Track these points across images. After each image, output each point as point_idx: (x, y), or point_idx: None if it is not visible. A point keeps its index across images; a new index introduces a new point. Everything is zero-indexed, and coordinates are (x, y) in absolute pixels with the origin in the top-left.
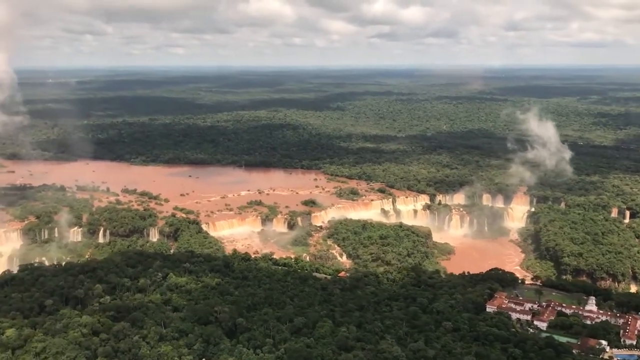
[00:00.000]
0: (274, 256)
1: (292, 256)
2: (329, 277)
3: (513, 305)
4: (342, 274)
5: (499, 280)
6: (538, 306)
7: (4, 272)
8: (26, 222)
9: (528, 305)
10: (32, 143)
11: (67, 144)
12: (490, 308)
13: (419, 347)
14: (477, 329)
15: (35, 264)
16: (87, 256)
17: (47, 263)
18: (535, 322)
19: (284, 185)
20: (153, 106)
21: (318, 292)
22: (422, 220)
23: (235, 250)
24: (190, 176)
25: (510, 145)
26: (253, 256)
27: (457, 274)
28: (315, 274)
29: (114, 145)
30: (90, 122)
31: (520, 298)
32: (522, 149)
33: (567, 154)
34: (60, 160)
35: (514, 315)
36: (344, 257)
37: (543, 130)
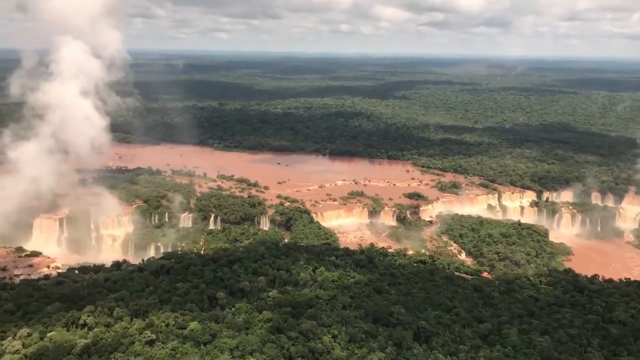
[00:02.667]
0: (390, 250)
1: (410, 251)
2: (470, 276)
3: None
4: (484, 274)
5: None
6: None
7: (148, 259)
8: (134, 206)
9: None
10: (112, 125)
11: (147, 127)
12: None
13: None
14: None
15: (179, 252)
16: (201, 243)
17: (162, 249)
18: None
19: (376, 176)
20: (215, 91)
21: (473, 293)
22: (529, 218)
23: (372, 245)
24: (279, 164)
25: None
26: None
27: (615, 280)
28: (456, 273)
29: (194, 130)
30: (161, 106)
31: None
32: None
33: None
34: (143, 143)
35: None
36: (463, 254)
37: None
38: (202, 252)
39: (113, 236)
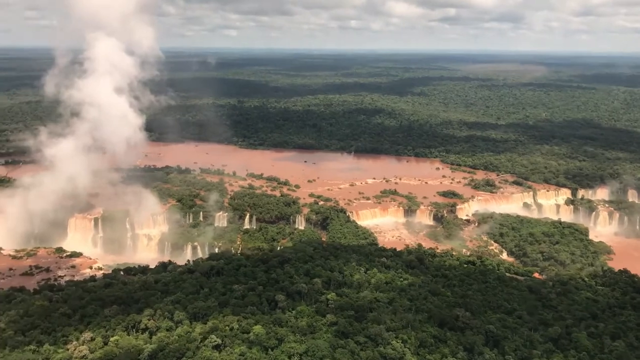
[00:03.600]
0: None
1: (452, 250)
2: (522, 277)
3: None
4: (535, 274)
5: None
6: None
7: (196, 260)
8: (169, 205)
9: None
10: None
11: (169, 125)
12: None
13: None
14: None
15: (222, 252)
16: (238, 242)
17: (199, 249)
18: None
19: (406, 174)
20: (231, 88)
21: (529, 294)
22: (565, 216)
23: (420, 245)
24: (305, 162)
25: None
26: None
27: None
28: (506, 273)
29: (217, 128)
30: (180, 103)
31: None
32: None
33: None
34: (167, 141)
35: None
36: (505, 254)
37: None
38: (239, 251)
39: (149, 236)
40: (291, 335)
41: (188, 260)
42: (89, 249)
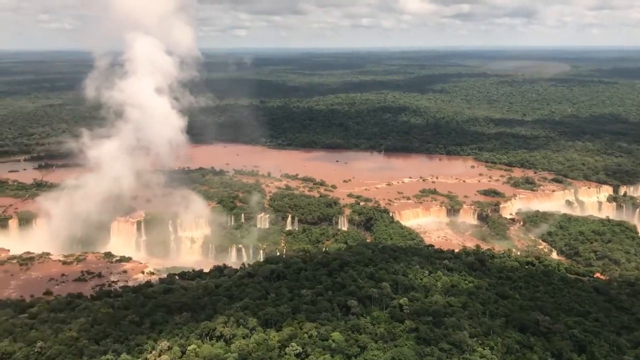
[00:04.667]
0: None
1: (509, 251)
2: (585, 278)
3: None
4: (597, 274)
5: None
6: None
7: (255, 264)
8: (210, 207)
9: None
10: None
11: (196, 126)
12: None
13: None
14: None
15: (275, 255)
16: (281, 244)
17: (244, 251)
18: None
19: (440, 173)
20: (251, 88)
21: (597, 296)
22: (607, 214)
23: (478, 247)
24: (337, 161)
25: None
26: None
27: None
28: (567, 274)
29: (244, 129)
30: (203, 105)
31: None
32: None
33: None
34: (196, 142)
35: None
36: (554, 253)
37: None
38: (283, 253)
39: (192, 238)
40: (372, 343)
41: (244, 264)
42: (132, 253)
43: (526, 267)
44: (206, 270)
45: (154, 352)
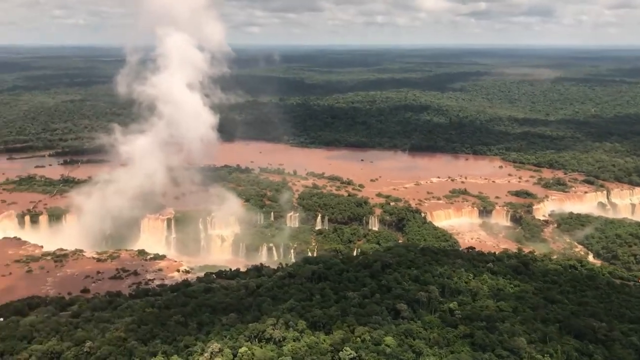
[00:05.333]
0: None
1: (535, 252)
2: (630, 283)
3: None
4: None
5: None
6: None
7: (295, 264)
8: (239, 205)
9: None
10: None
11: (219, 123)
12: None
13: None
14: None
15: (307, 255)
16: (312, 243)
17: (274, 250)
18: None
19: (467, 172)
20: (269, 86)
21: None
22: None
23: (520, 249)
24: (362, 160)
25: None
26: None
27: None
28: (612, 279)
29: (265, 126)
30: (223, 102)
31: None
32: None
33: None
34: (218, 140)
35: None
36: (591, 256)
37: None
38: (314, 253)
39: (222, 237)
40: (428, 349)
41: (281, 264)
42: (162, 250)
43: (569, 270)
44: (236, 268)
45: (205, 354)
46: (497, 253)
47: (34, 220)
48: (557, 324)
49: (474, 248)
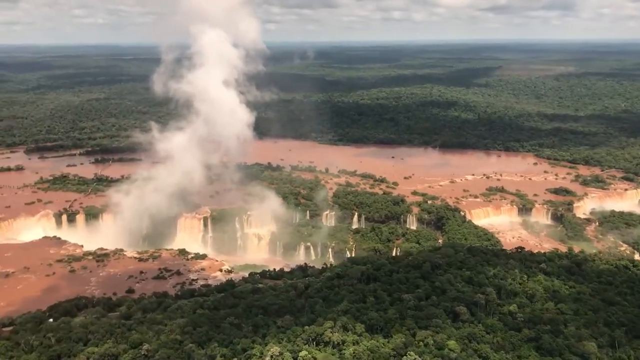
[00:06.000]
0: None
1: (601, 253)
2: None
3: None
4: None
5: None
6: None
7: (343, 264)
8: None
9: None
10: None
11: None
12: None
13: None
14: None
15: (367, 255)
16: (350, 242)
17: (312, 249)
18: None
19: (501, 169)
20: (291, 83)
21: None
22: None
23: (570, 249)
24: (393, 157)
25: None
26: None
27: None
28: None
29: (292, 124)
30: (247, 99)
31: None
32: None
33: None
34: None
35: None
36: (637, 255)
37: None
38: (353, 252)
39: (259, 235)
40: (493, 353)
41: (325, 264)
42: (199, 249)
43: (623, 271)
44: (279, 268)
45: (265, 358)
46: (546, 253)
47: (71, 220)
48: (622, 328)
49: (524, 248)
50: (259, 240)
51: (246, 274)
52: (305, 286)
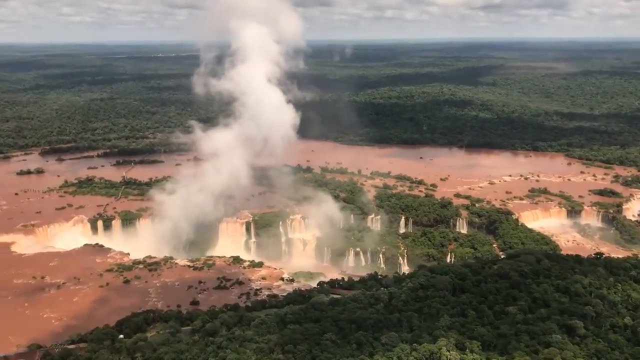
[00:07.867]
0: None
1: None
2: None
3: None
4: None
5: None
6: None
7: (420, 272)
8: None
9: None
10: None
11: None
12: None
13: None
14: None
15: (445, 263)
16: (401, 248)
17: (361, 255)
18: None
19: (536, 170)
20: (294, 81)
21: None
22: None
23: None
24: (421, 158)
25: None
26: None
27: None
28: None
29: (310, 124)
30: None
31: None
32: None
33: None
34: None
35: None
36: None
37: None
38: (405, 258)
39: (304, 240)
40: None
41: (397, 273)
42: (242, 255)
43: None
44: (325, 274)
45: None
46: (627, 259)
47: (107, 226)
48: None
49: (602, 254)
50: (304, 246)
51: (308, 283)
52: (389, 297)
